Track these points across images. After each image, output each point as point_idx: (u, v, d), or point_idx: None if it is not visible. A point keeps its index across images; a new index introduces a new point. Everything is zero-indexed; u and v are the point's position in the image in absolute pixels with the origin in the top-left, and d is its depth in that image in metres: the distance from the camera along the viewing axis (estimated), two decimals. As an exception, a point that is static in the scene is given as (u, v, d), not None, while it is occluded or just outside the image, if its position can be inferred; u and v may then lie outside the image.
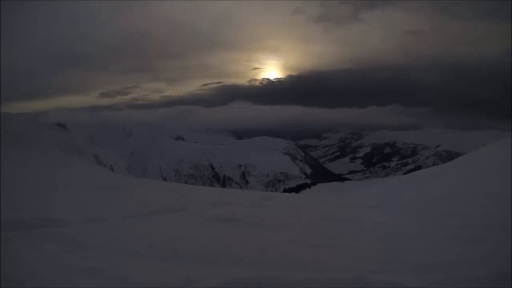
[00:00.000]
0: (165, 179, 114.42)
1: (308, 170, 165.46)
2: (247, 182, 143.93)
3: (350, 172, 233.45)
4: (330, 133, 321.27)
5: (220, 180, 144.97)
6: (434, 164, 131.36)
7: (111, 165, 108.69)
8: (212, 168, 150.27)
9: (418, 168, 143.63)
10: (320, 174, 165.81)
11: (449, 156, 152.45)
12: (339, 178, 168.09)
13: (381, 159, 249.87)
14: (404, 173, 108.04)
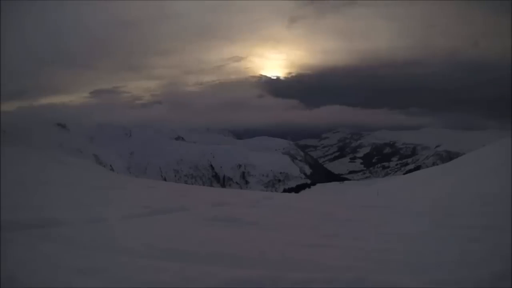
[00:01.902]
0: (165, 179, 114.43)
1: (308, 170, 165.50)
2: (247, 182, 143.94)
3: (350, 172, 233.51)
4: (330, 133, 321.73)
5: (220, 180, 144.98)
6: (434, 164, 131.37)
7: (111, 165, 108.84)
8: (212, 168, 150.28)
9: (418, 168, 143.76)
10: (320, 174, 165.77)
11: (449, 156, 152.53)
12: (339, 178, 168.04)
13: (381, 159, 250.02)
14: (404, 173, 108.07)
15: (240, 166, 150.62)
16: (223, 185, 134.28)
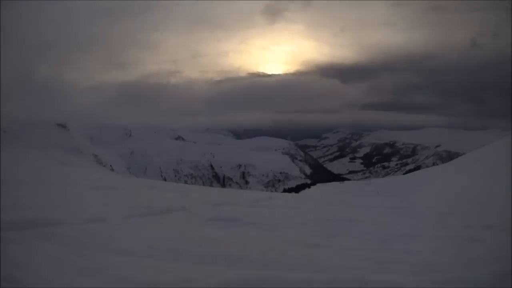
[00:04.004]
0: (165, 179, 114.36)
1: (308, 170, 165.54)
2: (247, 182, 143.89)
3: (350, 172, 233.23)
4: (330, 133, 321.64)
5: (220, 180, 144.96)
6: (434, 164, 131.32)
7: (111, 165, 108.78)
8: (212, 168, 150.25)
9: (418, 168, 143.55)
10: (320, 174, 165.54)
11: (449, 156, 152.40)
12: (339, 178, 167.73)
13: (381, 159, 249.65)
14: (404, 173, 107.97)
15: (240, 166, 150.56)
16: (223, 185, 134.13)
